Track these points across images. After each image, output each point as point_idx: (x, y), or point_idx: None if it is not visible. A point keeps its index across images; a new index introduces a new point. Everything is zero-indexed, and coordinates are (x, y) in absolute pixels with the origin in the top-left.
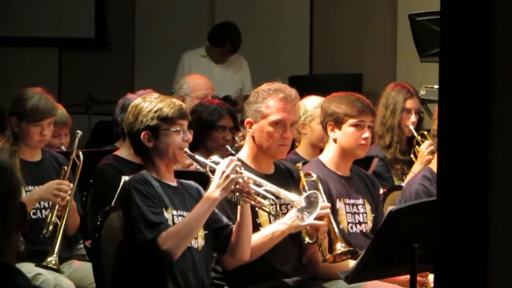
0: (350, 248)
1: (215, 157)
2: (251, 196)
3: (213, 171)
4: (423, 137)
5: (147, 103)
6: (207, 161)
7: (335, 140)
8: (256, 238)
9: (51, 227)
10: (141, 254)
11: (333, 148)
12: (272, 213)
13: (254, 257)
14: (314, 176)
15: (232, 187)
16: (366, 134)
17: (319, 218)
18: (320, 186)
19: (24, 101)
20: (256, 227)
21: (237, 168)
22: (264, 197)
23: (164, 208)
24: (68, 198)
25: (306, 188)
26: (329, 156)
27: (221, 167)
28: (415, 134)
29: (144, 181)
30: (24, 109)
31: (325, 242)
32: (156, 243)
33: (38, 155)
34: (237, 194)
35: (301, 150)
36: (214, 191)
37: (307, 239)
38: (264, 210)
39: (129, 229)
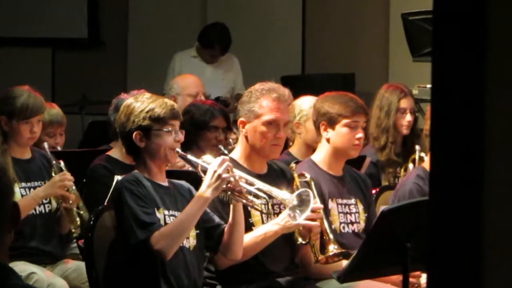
0: (343, 250)
1: (207, 157)
2: (243, 195)
3: (204, 171)
4: (421, 159)
5: (139, 103)
6: (199, 161)
7: (328, 140)
8: (249, 238)
9: (78, 222)
10: (134, 254)
11: (325, 148)
12: (264, 211)
13: (246, 257)
14: (308, 177)
15: (224, 186)
16: (360, 134)
17: (312, 219)
18: (313, 186)
19: (13, 99)
20: (249, 227)
21: (229, 168)
22: (256, 196)
23: (156, 208)
24: (74, 187)
25: (300, 188)
26: (321, 156)
27: (212, 167)
28: (417, 152)
29: (136, 181)
30: (13, 108)
31: (317, 243)
32: (149, 243)
33: (28, 153)
34: (229, 193)
35: (295, 150)
36: (205, 190)
37: (299, 240)
38: (256, 209)
39: (122, 229)
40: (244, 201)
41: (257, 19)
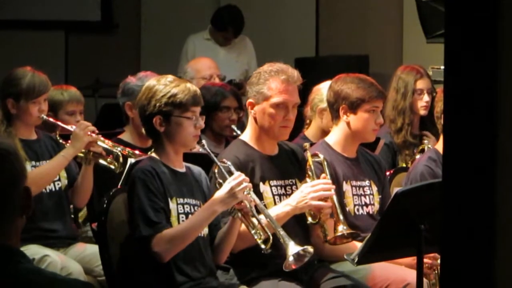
0: (352, 231)
1: (229, 163)
2: (247, 218)
3: (221, 174)
4: None
5: (162, 86)
6: (220, 164)
7: (348, 124)
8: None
9: (117, 162)
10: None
11: (341, 130)
12: (261, 246)
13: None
14: (321, 157)
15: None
16: (380, 119)
17: (323, 199)
18: (326, 167)
19: (18, 80)
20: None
21: (248, 188)
22: (261, 227)
23: (169, 197)
24: (96, 130)
25: (312, 168)
26: (336, 138)
27: (231, 183)
28: (426, 145)
29: (151, 173)
30: (20, 88)
31: (328, 223)
32: (149, 243)
33: (33, 134)
34: (235, 209)
35: (311, 133)
36: (216, 203)
37: (309, 219)
38: (252, 235)
39: (129, 218)
40: (245, 222)
41: (270, 1)
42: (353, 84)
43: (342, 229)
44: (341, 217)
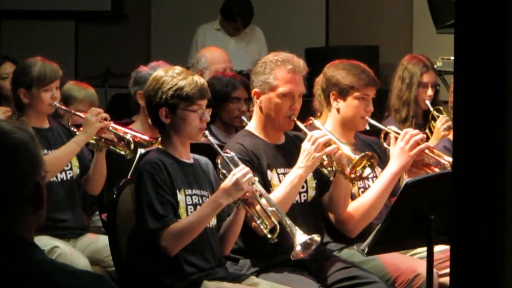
0: (362, 153)
1: (232, 153)
2: (253, 208)
3: (223, 165)
4: (439, 112)
5: (169, 78)
6: (224, 154)
7: (338, 110)
8: (277, 194)
9: (128, 149)
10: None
11: (334, 118)
12: (266, 231)
13: (285, 211)
14: (312, 120)
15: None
16: (370, 107)
17: (326, 145)
18: (320, 126)
19: (29, 69)
20: (267, 188)
21: (253, 181)
22: (266, 216)
23: (177, 189)
24: (108, 117)
25: (306, 131)
26: (330, 125)
27: (236, 174)
28: (431, 109)
29: (158, 165)
30: (31, 77)
31: (343, 166)
32: (156, 236)
33: (46, 122)
34: (239, 200)
35: (323, 123)
36: (222, 196)
37: (327, 172)
38: (258, 224)
39: (136, 211)
40: (250, 212)
41: None
42: (344, 70)
43: (352, 155)
44: (344, 147)
